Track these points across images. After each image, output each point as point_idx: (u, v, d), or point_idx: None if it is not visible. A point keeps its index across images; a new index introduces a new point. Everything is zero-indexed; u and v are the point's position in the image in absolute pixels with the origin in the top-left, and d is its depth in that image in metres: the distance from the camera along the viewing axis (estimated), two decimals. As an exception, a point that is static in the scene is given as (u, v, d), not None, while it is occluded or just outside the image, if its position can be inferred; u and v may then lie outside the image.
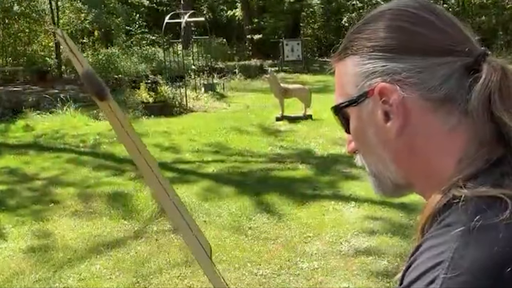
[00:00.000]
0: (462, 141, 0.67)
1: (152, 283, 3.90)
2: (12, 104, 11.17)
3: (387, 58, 0.69)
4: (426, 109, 0.68)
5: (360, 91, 0.72)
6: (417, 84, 0.68)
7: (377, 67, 0.70)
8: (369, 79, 0.71)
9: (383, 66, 0.69)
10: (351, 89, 0.74)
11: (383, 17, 0.72)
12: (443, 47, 0.68)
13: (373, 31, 0.72)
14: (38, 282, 3.97)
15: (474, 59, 0.67)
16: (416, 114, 0.69)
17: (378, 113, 0.70)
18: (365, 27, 0.73)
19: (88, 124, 9.88)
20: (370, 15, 0.75)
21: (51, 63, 17.40)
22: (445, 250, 0.58)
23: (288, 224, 4.87)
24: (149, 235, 4.74)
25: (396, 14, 0.72)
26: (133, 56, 16.92)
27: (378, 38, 0.71)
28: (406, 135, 0.70)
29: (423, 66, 0.68)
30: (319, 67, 20.39)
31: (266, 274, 3.95)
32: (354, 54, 0.73)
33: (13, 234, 4.86)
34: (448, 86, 0.67)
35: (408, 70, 0.68)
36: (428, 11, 0.71)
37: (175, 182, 6.22)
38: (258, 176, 6.40)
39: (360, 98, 0.72)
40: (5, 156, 7.69)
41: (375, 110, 0.71)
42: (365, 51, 0.72)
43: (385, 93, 0.69)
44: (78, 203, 5.61)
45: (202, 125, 9.48)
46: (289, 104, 9.89)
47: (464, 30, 0.71)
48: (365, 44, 0.72)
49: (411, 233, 4.59)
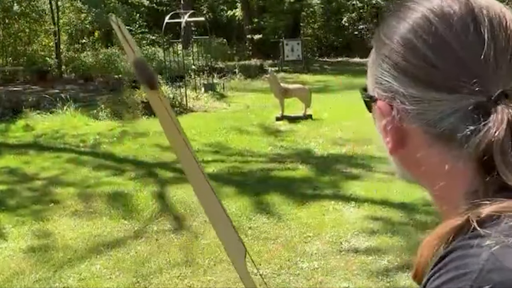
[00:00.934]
0: (465, 176, 0.61)
1: (152, 283, 3.90)
2: (12, 104, 11.16)
3: (394, 76, 0.65)
4: (423, 141, 0.64)
5: (371, 92, 0.70)
6: (415, 114, 0.63)
7: (384, 80, 0.66)
8: (376, 87, 0.68)
9: (388, 82, 0.65)
10: (369, 84, 0.71)
11: (408, 19, 0.65)
12: (451, 84, 0.61)
13: (391, 36, 0.66)
14: (38, 282, 3.97)
15: (486, 99, 0.59)
16: (411, 142, 0.65)
17: (382, 122, 0.67)
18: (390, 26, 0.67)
19: (88, 124, 9.88)
20: (406, 5, 0.67)
21: (51, 63, 17.41)
22: (473, 262, 0.54)
23: (288, 224, 4.87)
24: (149, 235, 4.74)
25: (421, 22, 0.64)
26: (133, 56, 16.90)
27: (391, 49, 0.65)
28: (400, 157, 0.68)
29: (425, 97, 0.62)
30: (319, 67, 20.41)
31: (266, 274, 3.94)
32: (374, 48, 0.70)
33: (13, 234, 4.86)
34: (448, 123, 0.61)
35: (409, 97, 0.63)
36: (468, 22, 0.61)
37: (175, 182, 6.23)
38: (258, 176, 6.40)
39: (371, 99, 0.70)
40: (5, 156, 7.69)
41: (380, 117, 0.68)
42: (379, 55, 0.68)
43: (382, 112, 0.66)
44: (78, 203, 5.61)
45: (202, 125, 9.48)
46: (289, 104, 9.89)
47: (502, 54, 0.61)
48: (380, 47, 0.68)
49: (411, 233, 4.61)
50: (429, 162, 0.64)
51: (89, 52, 18.26)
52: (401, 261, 4.02)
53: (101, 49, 18.85)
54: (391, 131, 0.66)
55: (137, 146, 8.04)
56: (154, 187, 6.10)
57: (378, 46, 0.69)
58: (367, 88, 0.72)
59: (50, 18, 18.34)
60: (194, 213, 5.21)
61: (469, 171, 0.61)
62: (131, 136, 8.73)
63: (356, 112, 10.17)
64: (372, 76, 0.69)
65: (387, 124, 0.66)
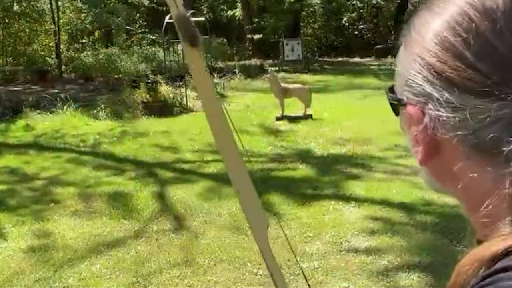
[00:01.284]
0: (510, 196, 0.54)
1: (152, 283, 3.90)
2: (12, 104, 11.16)
3: (427, 78, 0.58)
4: (459, 153, 0.57)
5: (400, 95, 0.62)
6: (451, 122, 0.56)
7: (415, 82, 0.59)
8: (406, 89, 0.61)
9: (420, 85, 0.58)
10: (397, 84, 0.64)
11: (445, 14, 0.58)
12: (494, 89, 0.53)
13: (425, 34, 0.59)
14: (38, 281, 3.97)
15: None
16: (445, 153, 0.58)
17: (412, 129, 0.61)
18: (423, 22, 0.60)
19: (88, 124, 9.88)
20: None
21: (51, 63, 17.41)
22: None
23: (288, 224, 4.87)
24: (149, 235, 4.74)
25: (459, 18, 0.56)
26: (133, 56, 16.93)
27: (424, 47, 0.59)
28: (433, 168, 0.61)
29: (463, 104, 0.55)
30: (319, 67, 20.40)
31: (266, 274, 3.94)
32: (404, 47, 0.63)
33: (13, 234, 4.86)
34: (489, 134, 0.54)
35: (445, 103, 0.56)
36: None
37: (175, 182, 6.23)
38: (258, 176, 6.40)
39: (399, 102, 0.63)
40: (5, 156, 7.69)
41: (410, 123, 0.61)
42: (410, 53, 0.61)
43: (413, 119, 0.60)
44: (78, 203, 5.61)
45: (202, 125, 9.47)
46: (289, 104, 9.89)
47: None
48: (412, 46, 0.61)
49: (411, 233, 4.60)
50: (466, 177, 0.57)
51: (89, 52, 18.26)
52: (401, 261, 4.03)
53: (101, 49, 18.84)
54: (423, 140, 0.59)
55: (137, 146, 8.04)
56: (154, 187, 6.10)
57: (409, 44, 0.61)
58: (394, 90, 0.65)
59: (50, 18, 18.34)
60: (194, 213, 5.21)
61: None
62: (131, 136, 8.73)
63: (356, 112, 10.19)
64: (401, 77, 0.62)
65: (418, 132, 0.59)
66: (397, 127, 0.67)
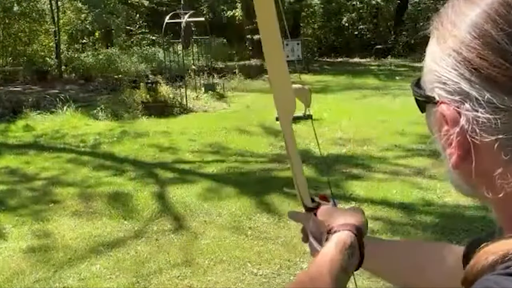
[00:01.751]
0: None
1: (152, 283, 3.90)
2: (12, 104, 11.17)
3: (463, 75, 0.53)
4: (498, 157, 0.53)
5: (430, 92, 0.58)
6: (491, 124, 0.52)
7: (450, 79, 0.54)
8: (438, 86, 0.56)
9: (456, 83, 0.54)
10: (426, 81, 0.59)
11: (484, 4, 0.53)
12: None
13: (461, 26, 0.54)
14: (38, 282, 3.97)
15: None
16: (481, 157, 0.54)
17: (443, 128, 0.56)
18: (459, 12, 0.55)
19: (88, 124, 9.88)
20: None
21: (51, 63, 17.41)
22: None
23: (288, 224, 4.86)
24: (149, 235, 4.74)
25: (501, 9, 0.52)
26: (133, 56, 16.94)
27: (460, 42, 0.53)
28: (466, 172, 0.56)
29: (506, 105, 0.51)
30: (319, 67, 20.40)
31: (266, 274, 3.95)
32: (436, 39, 0.57)
33: (13, 234, 4.86)
34: None
35: (485, 104, 0.52)
36: None
37: (175, 182, 6.23)
38: (258, 176, 6.40)
39: (429, 99, 0.58)
40: (5, 156, 7.69)
41: (442, 122, 0.56)
42: (443, 49, 0.55)
43: (447, 120, 0.55)
44: (78, 203, 5.61)
45: (202, 125, 9.48)
46: (289, 104, 9.87)
47: None
48: (445, 38, 0.55)
49: (411, 233, 4.60)
50: (509, 185, 0.53)
51: (89, 52, 18.26)
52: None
53: (101, 49, 18.85)
54: (458, 142, 0.54)
55: (137, 146, 8.04)
56: (154, 187, 6.10)
57: (442, 36, 0.56)
58: (420, 85, 0.60)
59: (50, 18, 18.33)
60: (194, 213, 5.21)
61: None
62: (131, 136, 8.73)
63: (356, 112, 10.19)
64: (431, 73, 0.57)
65: (454, 134, 0.54)
66: (397, 127, 0.66)
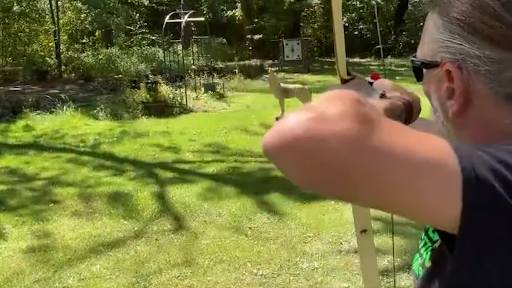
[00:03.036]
0: None
1: (152, 283, 3.90)
2: (12, 104, 11.16)
3: (465, 37, 0.64)
4: (491, 102, 0.64)
5: (433, 57, 0.69)
6: (488, 75, 0.63)
7: (453, 43, 0.66)
8: (442, 51, 0.67)
9: (459, 44, 0.65)
10: (427, 50, 0.71)
11: None
12: None
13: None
14: (38, 282, 3.97)
15: None
16: (478, 104, 0.65)
17: (444, 86, 0.67)
18: None
19: (88, 124, 9.88)
20: None
21: (51, 63, 17.40)
22: None
23: (288, 224, 4.87)
24: (149, 235, 4.74)
25: None
26: (133, 56, 16.93)
27: (462, 11, 0.65)
28: (465, 119, 0.67)
29: (501, 59, 0.62)
30: (319, 67, 20.40)
31: (266, 274, 3.94)
32: (438, 14, 0.69)
33: (13, 234, 4.86)
34: None
35: (484, 59, 0.63)
36: None
37: (175, 182, 6.23)
38: (258, 176, 6.40)
39: (432, 64, 0.69)
40: (5, 156, 7.69)
41: (442, 81, 0.68)
42: (446, 19, 0.67)
43: (452, 75, 0.66)
44: (78, 203, 5.61)
45: (202, 125, 9.48)
46: (289, 104, 9.87)
47: None
48: (448, 11, 0.67)
49: (411, 233, 4.61)
50: (500, 123, 0.64)
51: (89, 52, 18.26)
52: (401, 261, 4.02)
53: (101, 49, 18.84)
54: (459, 92, 0.66)
55: (137, 146, 8.04)
56: (154, 187, 6.10)
57: (444, 8, 0.67)
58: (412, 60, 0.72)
59: (50, 18, 18.33)
60: (194, 213, 5.21)
61: None
62: (131, 136, 8.73)
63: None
64: (434, 42, 0.69)
65: (456, 87, 0.65)
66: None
